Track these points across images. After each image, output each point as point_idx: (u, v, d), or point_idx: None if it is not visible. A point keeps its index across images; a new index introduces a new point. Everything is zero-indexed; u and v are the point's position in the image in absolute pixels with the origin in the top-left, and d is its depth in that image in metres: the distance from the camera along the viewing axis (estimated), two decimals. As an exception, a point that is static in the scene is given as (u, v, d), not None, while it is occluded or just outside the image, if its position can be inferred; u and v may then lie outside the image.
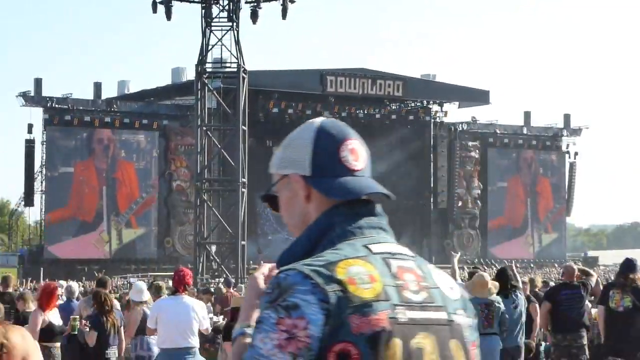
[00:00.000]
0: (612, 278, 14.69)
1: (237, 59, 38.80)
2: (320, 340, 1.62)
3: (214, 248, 38.45)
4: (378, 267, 1.71)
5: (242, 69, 38.20)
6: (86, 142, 49.83)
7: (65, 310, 10.99)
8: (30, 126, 49.54)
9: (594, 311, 11.46)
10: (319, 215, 1.81)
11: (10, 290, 13.10)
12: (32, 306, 10.37)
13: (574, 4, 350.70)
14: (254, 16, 39.58)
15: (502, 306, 9.72)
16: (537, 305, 11.15)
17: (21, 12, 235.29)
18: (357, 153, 1.86)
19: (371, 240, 1.77)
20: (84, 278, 36.65)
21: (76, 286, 13.53)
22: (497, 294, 9.84)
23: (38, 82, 48.97)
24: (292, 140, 1.90)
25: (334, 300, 1.63)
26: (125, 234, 50.47)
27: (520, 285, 11.11)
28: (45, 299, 9.55)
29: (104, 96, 52.16)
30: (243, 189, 38.11)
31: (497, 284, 9.90)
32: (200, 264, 36.37)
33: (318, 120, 1.91)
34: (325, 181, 1.82)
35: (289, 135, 1.94)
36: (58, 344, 9.51)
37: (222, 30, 39.21)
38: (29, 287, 26.34)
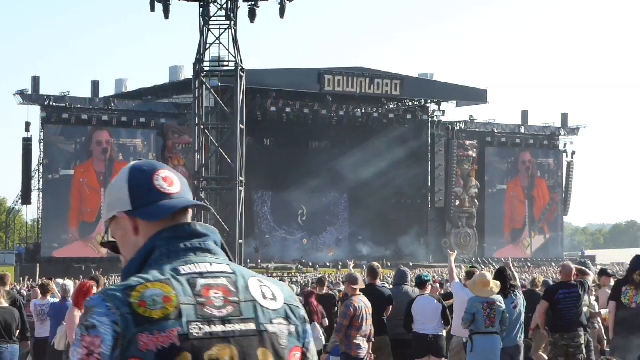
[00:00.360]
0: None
1: (234, 57, 38.77)
2: (111, 358, 1.86)
3: (211, 247, 38.46)
4: (177, 288, 1.92)
5: (240, 68, 38.17)
6: (85, 145, 49.76)
7: (60, 309, 10.95)
8: (27, 124, 49.52)
9: (603, 312, 11.46)
10: (146, 241, 2.05)
11: (7, 288, 13.09)
12: (2, 302, 10.40)
13: (572, 4, 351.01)
14: (252, 15, 39.58)
15: (503, 306, 9.75)
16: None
17: (19, 10, 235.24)
18: (170, 180, 2.09)
19: (186, 261, 1.99)
20: (81, 277, 36.55)
21: (71, 284, 13.47)
22: (497, 293, 9.85)
23: (36, 81, 48.90)
24: (111, 186, 2.16)
25: (122, 322, 1.86)
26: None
27: (519, 284, 11.11)
28: (82, 298, 9.51)
29: (101, 94, 52.13)
30: (241, 188, 38.08)
31: (498, 283, 9.92)
32: (198, 263, 36.37)
33: (131, 163, 2.17)
34: (145, 209, 2.06)
35: (108, 185, 2.20)
36: None
37: (220, 28, 39.19)
38: (25, 286, 26.34)
